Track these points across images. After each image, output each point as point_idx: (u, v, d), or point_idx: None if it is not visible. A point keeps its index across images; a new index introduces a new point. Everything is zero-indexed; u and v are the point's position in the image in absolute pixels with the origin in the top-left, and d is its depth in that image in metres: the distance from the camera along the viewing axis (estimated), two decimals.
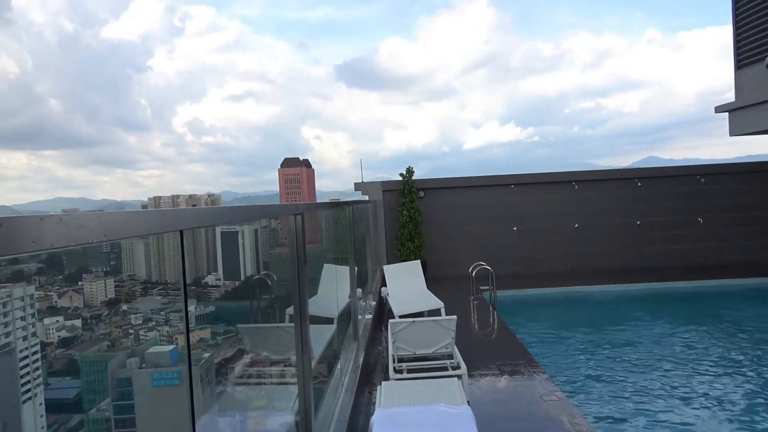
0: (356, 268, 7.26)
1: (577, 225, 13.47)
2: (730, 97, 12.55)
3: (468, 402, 4.40)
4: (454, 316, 5.85)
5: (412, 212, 13.03)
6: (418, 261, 10.20)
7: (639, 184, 13.59)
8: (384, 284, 9.56)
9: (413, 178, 13.41)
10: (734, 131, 12.21)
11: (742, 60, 12.07)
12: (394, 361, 5.72)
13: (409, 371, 5.64)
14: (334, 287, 6.46)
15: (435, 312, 8.09)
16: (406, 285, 9.37)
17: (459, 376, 5.23)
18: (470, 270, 10.60)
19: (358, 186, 13.98)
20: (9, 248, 0.94)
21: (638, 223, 13.49)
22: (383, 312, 9.32)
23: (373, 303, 9.07)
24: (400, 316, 7.63)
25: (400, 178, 13.39)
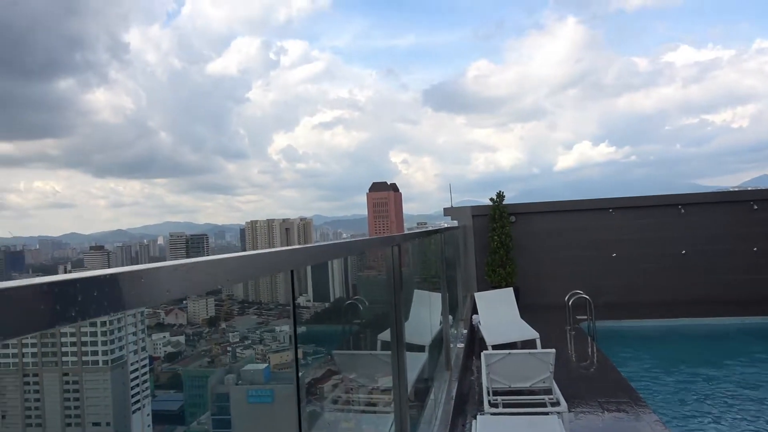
0: (447, 294, 7.14)
1: (684, 251, 12.54)
2: None
3: None
4: (553, 350, 5.55)
5: (504, 238, 12.71)
6: (511, 288, 9.87)
7: (755, 207, 12.45)
8: (475, 312, 9.32)
9: (504, 202, 13.11)
10: None
11: None
12: (488, 394, 5.50)
13: (505, 405, 5.40)
14: (425, 314, 6.36)
15: (530, 342, 7.76)
16: (498, 313, 9.08)
17: (559, 414, 4.94)
18: (566, 298, 10.11)
19: (448, 211, 13.86)
20: (151, 299, 1.03)
21: (755, 249, 12.33)
22: (474, 340, 9.07)
23: (465, 331, 8.85)
24: (493, 346, 7.38)
25: (490, 203, 13.13)
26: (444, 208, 13.85)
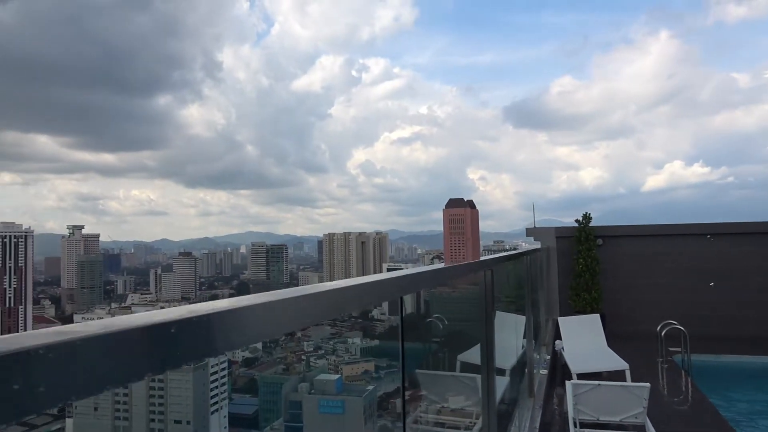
0: (532, 317, 6.83)
1: None
2: None
3: None
4: (647, 384, 5.13)
5: (589, 261, 12.10)
6: (597, 315, 9.34)
7: None
8: (558, 337, 8.88)
9: (590, 224, 12.51)
10: None
11: None
12: (575, 426, 5.15)
13: None
14: (507, 336, 6.10)
15: (617, 373, 7.26)
16: (583, 340, 8.59)
17: None
18: (658, 329, 9.44)
19: (530, 231, 13.41)
20: (266, 333, 1.00)
21: None
22: (556, 367, 8.62)
23: (548, 357, 8.43)
24: (578, 375, 6.97)
25: (575, 224, 12.58)
26: (526, 228, 13.42)
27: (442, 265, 2.98)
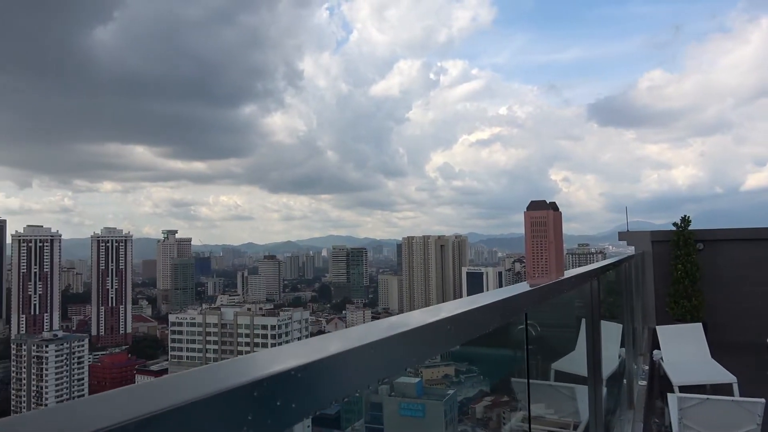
0: (631, 326, 6.40)
1: None
2: None
3: None
4: (762, 400, 4.63)
5: (689, 267, 11.26)
6: (699, 324, 8.66)
7: None
8: (656, 347, 8.29)
9: (689, 227, 11.66)
10: None
11: None
12: None
13: None
14: (603, 345, 5.74)
15: (723, 386, 6.66)
16: (684, 350, 7.98)
17: None
18: (767, 340, 8.60)
19: (623, 235, 12.72)
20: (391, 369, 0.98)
21: None
22: (654, 378, 8.05)
23: (646, 367, 7.90)
24: (679, 387, 6.45)
25: (673, 227, 11.77)
26: (619, 232, 12.77)
27: (552, 281, 2.84)
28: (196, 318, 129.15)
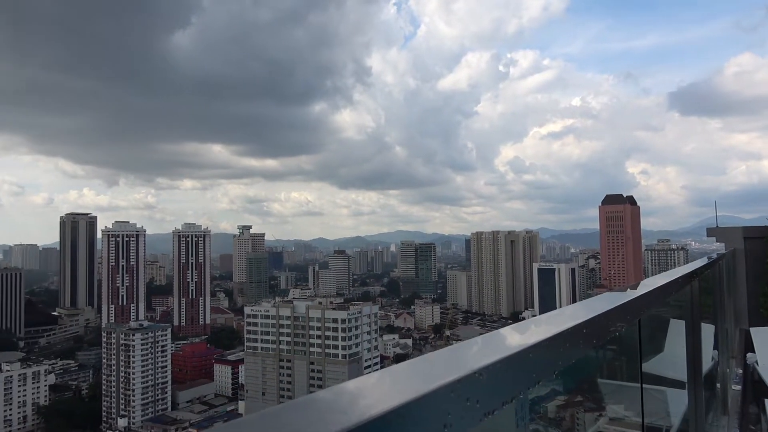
0: (725, 328, 5.98)
1: None
2: None
3: None
4: None
5: None
6: None
7: None
8: (750, 349, 7.72)
9: None
10: None
11: None
12: None
13: None
14: (691, 348, 5.39)
15: None
16: None
17: None
18: None
19: (712, 231, 11.94)
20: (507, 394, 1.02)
21: None
22: (748, 383, 7.50)
23: (739, 371, 7.38)
24: None
25: (767, 222, 10.92)
26: (707, 228, 11.98)
27: (657, 284, 2.71)
28: (270, 311, 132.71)
